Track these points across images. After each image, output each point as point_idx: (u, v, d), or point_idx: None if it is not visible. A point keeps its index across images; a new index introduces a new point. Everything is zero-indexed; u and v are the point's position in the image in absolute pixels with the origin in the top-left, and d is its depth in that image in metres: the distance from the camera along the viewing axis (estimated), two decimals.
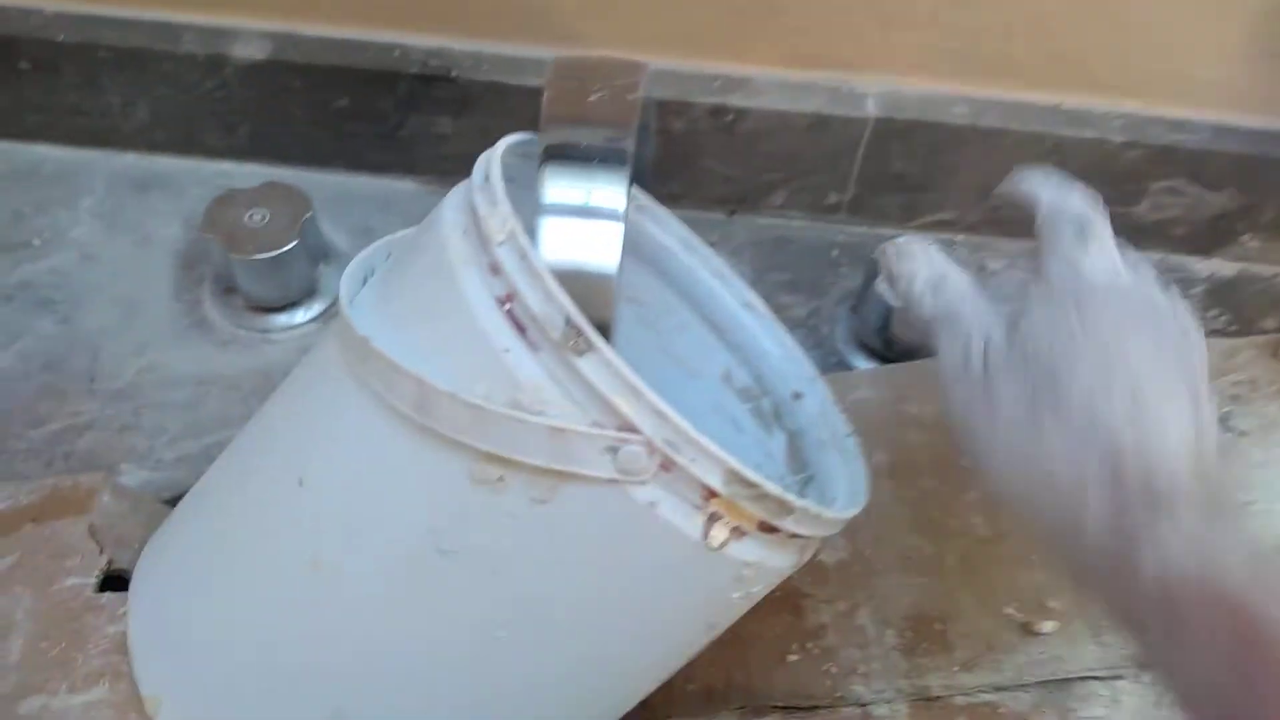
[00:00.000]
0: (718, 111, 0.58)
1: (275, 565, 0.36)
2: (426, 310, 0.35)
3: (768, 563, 0.35)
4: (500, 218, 0.34)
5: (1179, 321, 0.37)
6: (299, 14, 0.58)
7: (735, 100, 0.58)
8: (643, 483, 0.32)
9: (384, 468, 0.34)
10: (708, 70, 0.59)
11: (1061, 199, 0.40)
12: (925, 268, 0.41)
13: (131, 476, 0.52)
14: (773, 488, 0.33)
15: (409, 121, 0.60)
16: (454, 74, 0.58)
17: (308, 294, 0.58)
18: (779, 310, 0.61)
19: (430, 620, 0.34)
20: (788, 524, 0.34)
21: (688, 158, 0.61)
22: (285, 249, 0.55)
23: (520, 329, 0.32)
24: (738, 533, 0.34)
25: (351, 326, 0.35)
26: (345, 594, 0.35)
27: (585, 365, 0.31)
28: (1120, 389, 0.34)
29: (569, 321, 0.32)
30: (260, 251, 0.54)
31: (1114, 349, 0.35)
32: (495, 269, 0.33)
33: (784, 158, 0.61)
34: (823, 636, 0.48)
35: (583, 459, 0.31)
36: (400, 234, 0.42)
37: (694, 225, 0.64)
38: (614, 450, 0.31)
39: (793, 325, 0.60)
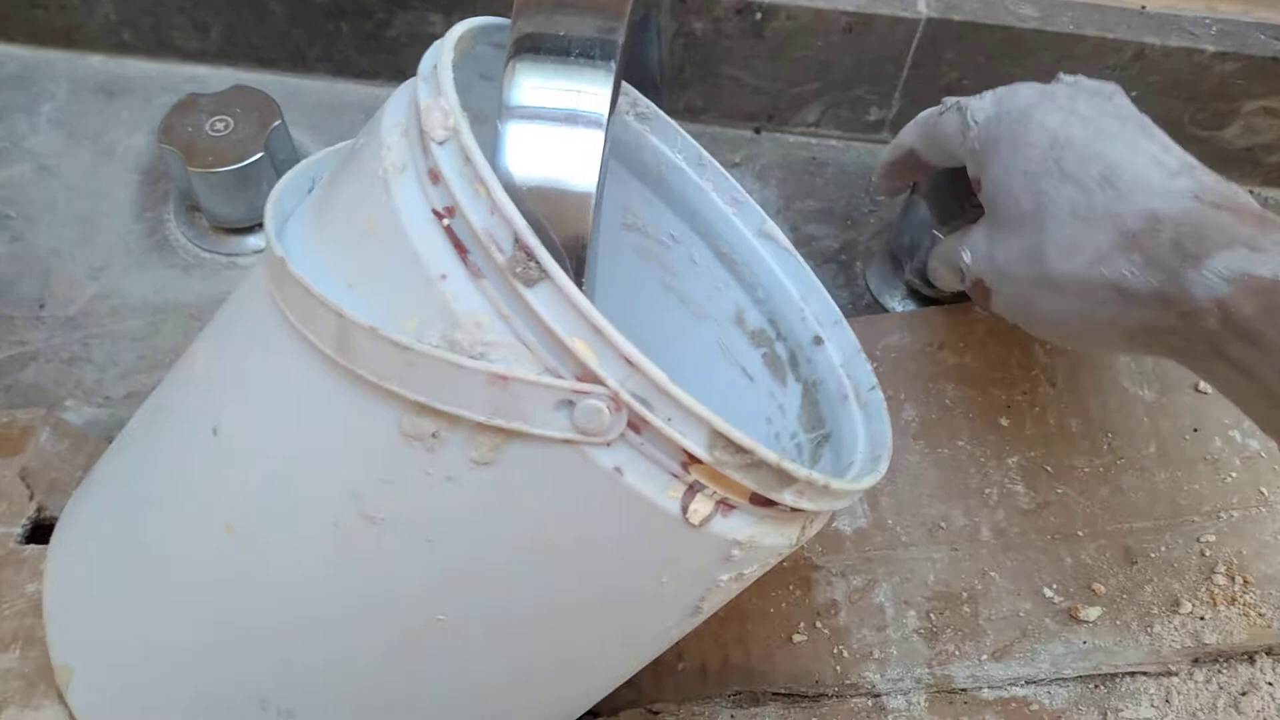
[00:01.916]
0: (745, 9, 0.51)
1: (187, 528, 0.31)
2: (358, 227, 0.29)
3: (762, 541, 0.29)
4: (442, 111, 0.27)
5: (1083, 87, 0.40)
6: None
7: None
8: (606, 444, 0.26)
9: (301, 416, 0.29)
10: None
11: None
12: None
13: (76, 413, 0.47)
14: (768, 454, 0.27)
15: (396, 19, 0.54)
16: None
17: None
18: (808, 243, 0.54)
19: (358, 600, 0.29)
20: (787, 497, 0.28)
21: (710, 64, 0.54)
22: (249, 161, 0.49)
23: (461, 250, 0.26)
24: (725, 506, 0.28)
25: (272, 245, 0.29)
26: (261, 564, 0.30)
27: (536, 297, 0.25)
28: (1078, 170, 0.36)
29: (518, 242, 0.26)
30: (222, 164, 0.49)
31: (1052, 150, 0.37)
32: (434, 176, 0.27)
33: (820, 65, 0.53)
34: (834, 615, 0.42)
35: (532, 414, 0.26)
36: (350, 142, 0.36)
37: (716, 142, 0.57)
38: (570, 404, 0.25)
39: (822, 260, 0.54)
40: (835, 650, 0.42)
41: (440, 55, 0.29)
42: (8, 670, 0.36)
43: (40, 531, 0.41)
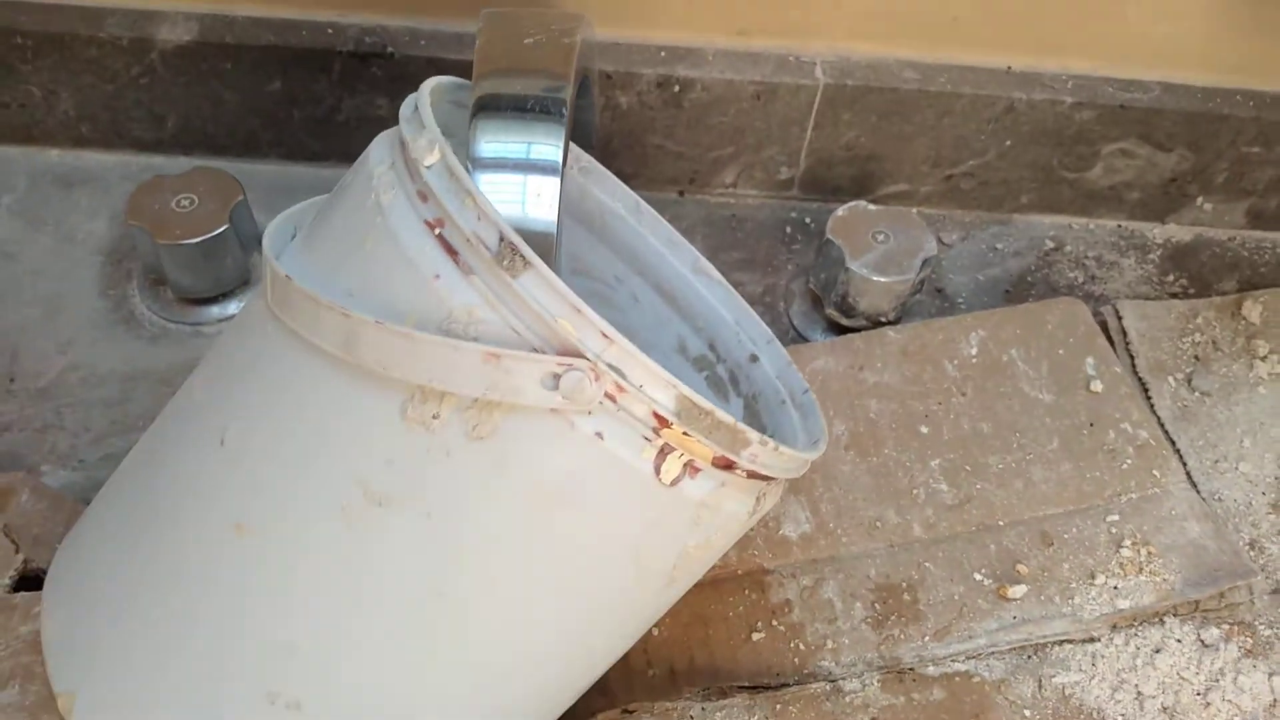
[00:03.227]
0: (665, 83, 0.57)
1: (196, 535, 0.33)
2: (353, 248, 0.33)
3: (725, 504, 0.33)
4: (428, 140, 0.32)
5: None
6: None
7: (682, 70, 0.57)
8: (588, 412, 0.30)
9: (309, 415, 0.32)
10: (654, 42, 0.58)
11: None
12: None
13: (53, 477, 0.48)
14: (725, 416, 0.31)
15: (345, 104, 0.58)
16: (390, 50, 0.56)
17: (241, 283, 0.55)
18: (734, 289, 0.59)
19: (364, 581, 0.32)
20: (744, 459, 0.32)
21: (636, 134, 0.60)
22: (215, 233, 0.52)
23: (452, 253, 0.30)
24: (692, 469, 0.31)
25: (274, 267, 0.33)
26: (271, 558, 0.32)
27: (522, 285, 0.29)
28: None
29: (503, 239, 0.30)
30: (189, 237, 0.52)
31: None
32: (424, 195, 0.31)
33: (734, 131, 0.59)
34: (788, 613, 0.45)
35: (521, 387, 0.29)
36: (325, 195, 0.40)
37: None
38: (555, 377, 0.29)
39: (749, 304, 0.59)
40: (792, 644, 0.45)
41: (419, 99, 0.34)
42: (9, 705, 0.37)
43: (26, 583, 0.42)
